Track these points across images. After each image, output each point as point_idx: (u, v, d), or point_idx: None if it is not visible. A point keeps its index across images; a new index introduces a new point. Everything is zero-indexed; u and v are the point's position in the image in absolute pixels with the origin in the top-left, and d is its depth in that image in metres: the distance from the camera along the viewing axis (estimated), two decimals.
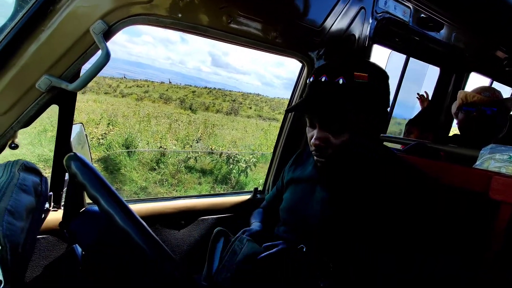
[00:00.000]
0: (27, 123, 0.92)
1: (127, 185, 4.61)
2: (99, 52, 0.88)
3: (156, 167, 5.09)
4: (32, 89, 0.86)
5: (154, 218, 1.24)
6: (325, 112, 0.84)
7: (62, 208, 1.02)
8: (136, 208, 1.21)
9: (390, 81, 0.90)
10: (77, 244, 0.76)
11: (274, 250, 0.79)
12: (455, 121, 1.72)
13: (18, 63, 0.84)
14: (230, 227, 1.03)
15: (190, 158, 5.54)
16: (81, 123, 1.33)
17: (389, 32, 1.59)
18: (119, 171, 4.76)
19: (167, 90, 25.58)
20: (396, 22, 1.49)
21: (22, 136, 5.04)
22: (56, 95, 0.91)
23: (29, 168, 0.68)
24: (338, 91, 0.82)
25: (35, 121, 0.93)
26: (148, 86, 25.65)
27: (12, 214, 0.42)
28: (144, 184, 4.69)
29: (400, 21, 1.49)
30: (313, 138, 0.87)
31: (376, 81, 0.84)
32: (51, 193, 0.93)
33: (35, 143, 5.04)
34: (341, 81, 0.82)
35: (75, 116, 1.03)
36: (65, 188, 0.96)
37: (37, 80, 0.86)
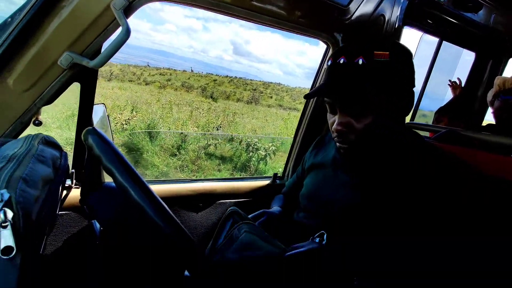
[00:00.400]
0: (50, 100, 0.93)
1: (149, 170, 4.72)
2: (120, 30, 0.87)
3: (177, 153, 5.17)
4: (54, 66, 0.87)
5: (172, 200, 1.25)
6: (345, 95, 0.79)
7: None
8: (156, 188, 1.22)
9: (419, 70, 0.84)
10: (95, 220, 0.77)
11: (303, 249, 0.75)
12: (489, 110, 1.61)
13: (40, 40, 0.84)
14: (247, 211, 1.01)
15: (210, 145, 5.59)
16: (103, 103, 1.34)
17: (421, 13, 1.49)
18: (141, 156, 4.88)
19: (189, 78, 25.82)
20: (430, 2, 1.39)
21: (51, 120, 5.25)
22: (77, 73, 0.91)
23: (49, 142, 0.68)
24: (358, 72, 0.77)
25: (65, 107, 0.95)
26: (170, 74, 26.01)
27: (26, 182, 0.42)
28: (165, 169, 4.79)
29: (435, 0, 1.39)
30: (334, 124, 0.83)
31: (398, 60, 0.78)
32: (73, 170, 0.94)
33: (63, 127, 5.24)
34: (360, 62, 0.77)
35: (101, 99, 1.04)
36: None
37: (59, 57, 0.86)
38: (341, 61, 0.79)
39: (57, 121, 5.50)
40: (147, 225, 0.52)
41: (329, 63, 0.84)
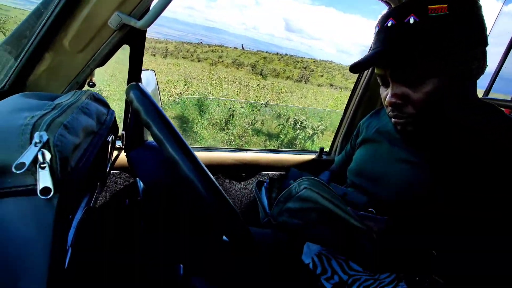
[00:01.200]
0: (101, 62, 0.95)
1: (198, 142, 4.90)
2: None
3: (225, 127, 5.28)
4: (104, 27, 0.88)
5: (216, 168, 1.25)
6: (394, 61, 0.67)
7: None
8: (200, 155, 1.23)
9: (496, 50, 0.68)
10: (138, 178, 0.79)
11: (379, 217, 0.68)
12: None
13: (91, 1, 0.85)
14: None
15: (257, 121, 5.59)
16: (153, 70, 1.36)
17: None
18: (191, 129, 5.07)
19: (239, 55, 25.89)
20: None
21: (113, 92, 5.64)
22: (127, 34, 0.92)
23: (98, 99, 0.69)
24: (409, 32, 0.64)
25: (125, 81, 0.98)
26: (222, 52, 26.31)
27: (66, 129, 0.41)
28: (213, 143, 4.93)
29: None
30: (387, 97, 0.72)
31: (460, 12, 0.63)
32: (123, 132, 0.97)
33: (123, 99, 5.61)
34: (412, 20, 0.64)
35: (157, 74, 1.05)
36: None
37: (108, 18, 0.87)
38: (389, 24, 0.68)
39: (118, 93, 5.91)
40: (185, 185, 0.50)
41: (376, 29, 0.72)
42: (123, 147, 1.04)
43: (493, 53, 0.70)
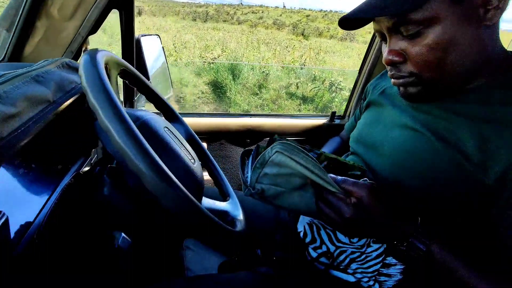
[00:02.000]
0: (93, 29, 0.96)
1: (232, 108, 4.92)
2: None
3: (258, 92, 5.20)
4: None
5: (220, 134, 1.24)
6: (384, 8, 0.55)
7: None
8: (204, 122, 1.22)
9: None
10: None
11: (360, 182, 0.61)
12: None
13: None
14: None
15: (291, 84, 5.41)
16: (157, 34, 1.34)
17: None
18: (225, 94, 5.08)
19: (280, 15, 24.74)
20: None
21: None
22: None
23: (72, 67, 0.69)
24: None
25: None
26: (262, 12, 25.33)
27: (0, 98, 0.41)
28: (246, 108, 4.91)
29: None
30: (385, 54, 0.62)
31: None
32: None
33: None
34: None
35: (195, 40, 1.02)
36: None
37: None
38: None
39: None
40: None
41: None
42: None
43: None
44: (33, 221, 0.57)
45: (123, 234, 0.51)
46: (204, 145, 1.23)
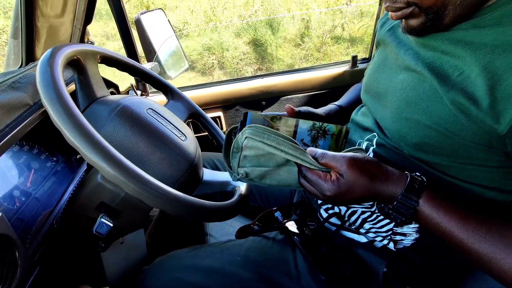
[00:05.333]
0: (87, 19, 0.98)
1: (275, 64, 4.74)
2: None
3: (301, 42, 4.88)
4: None
5: (234, 100, 1.22)
6: None
7: None
8: (216, 91, 1.21)
9: None
10: None
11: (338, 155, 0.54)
12: None
13: None
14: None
15: (336, 26, 4.93)
16: (161, 8, 1.32)
17: None
18: (266, 51, 4.89)
19: None
20: None
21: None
22: None
23: None
24: None
25: None
26: None
27: None
28: (290, 62, 4.69)
29: None
30: None
31: None
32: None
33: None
34: None
35: None
36: None
37: None
38: None
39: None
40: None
41: None
42: None
43: None
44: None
45: (102, 220, 0.55)
46: (220, 114, 1.23)
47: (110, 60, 0.75)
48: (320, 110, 0.82)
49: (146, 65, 1.10)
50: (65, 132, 0.46)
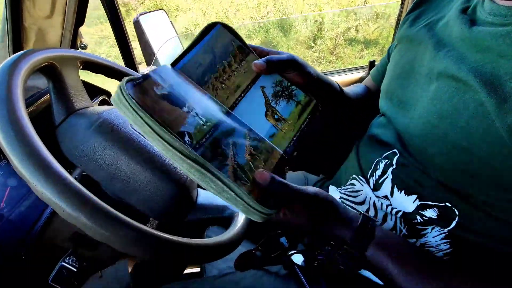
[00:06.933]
0: (78, 21, 0.90)
1: None
2: None
3: (313, 44, 4.75)
4: None
5: None
6: None
7: None
8: None
9: None
10: None
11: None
12: None
13: None
14: None
15: (350, 28, 4.78)
16: (162, 9, 1.24)
17: None
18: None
19: None
20: None
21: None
22: None
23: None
24: None
25: None
26: None
27: None
28: None
29: None
30: None
31: None
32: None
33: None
34: None
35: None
36: None
37: None
38: None
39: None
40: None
41: None
42: None
43: None
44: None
45: (62, 263, 0.46)
46: None
47: (94, 66, 0.66)
48: (313, 70, 0.56)
49: (145, 70, 1.02)
50: (11, 159, 0.37)
